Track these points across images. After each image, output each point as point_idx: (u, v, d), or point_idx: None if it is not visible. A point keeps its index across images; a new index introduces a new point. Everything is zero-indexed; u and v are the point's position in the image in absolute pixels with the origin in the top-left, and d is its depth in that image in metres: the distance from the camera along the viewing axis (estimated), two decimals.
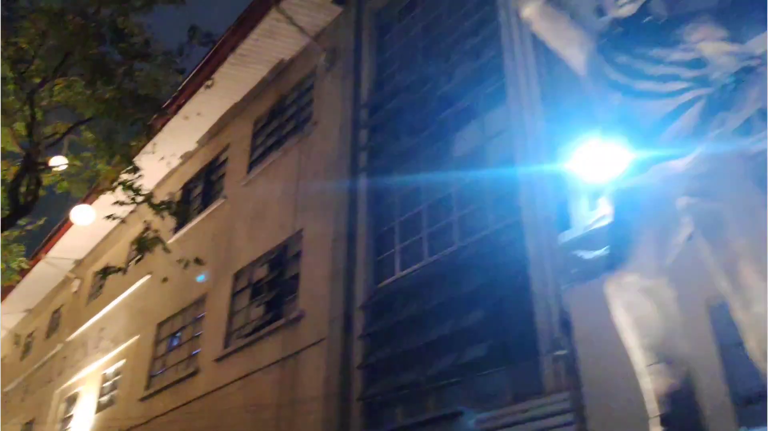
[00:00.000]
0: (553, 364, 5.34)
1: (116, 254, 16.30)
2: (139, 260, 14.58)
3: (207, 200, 13.30)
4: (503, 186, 6.86)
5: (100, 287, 16.58)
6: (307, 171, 10.24)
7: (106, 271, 8.16)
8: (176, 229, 13.11)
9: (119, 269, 8.26)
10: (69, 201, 11.69)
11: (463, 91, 7.85)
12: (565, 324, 5.23)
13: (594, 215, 5.33)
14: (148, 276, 13.48)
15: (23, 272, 15.45)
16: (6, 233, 9.95)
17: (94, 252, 17.73)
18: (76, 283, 18.07)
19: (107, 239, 17.20)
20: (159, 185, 14.42)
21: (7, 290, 19.79)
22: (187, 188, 14.32)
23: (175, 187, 14.21)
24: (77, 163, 9.90)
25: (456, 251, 7.19)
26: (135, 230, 15.45)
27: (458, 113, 7.89)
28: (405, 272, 7.79)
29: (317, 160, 10.07)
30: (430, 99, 8.29)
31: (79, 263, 18.48)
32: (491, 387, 6.14)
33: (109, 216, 8.57)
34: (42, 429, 15.95)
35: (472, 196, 7.35)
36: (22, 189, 8.96)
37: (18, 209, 8.69)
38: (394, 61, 9.77)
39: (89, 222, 7.89)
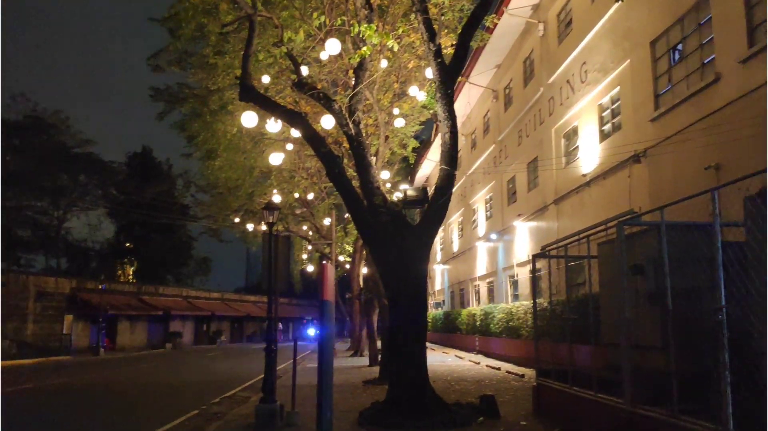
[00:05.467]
0: None
1: None
2: None
3: None
4: None
5: (568, 24, 16.45)
6: None
7: None
8: None
9: None
10: None
11: None
12: None
13: None
14: None
15: (489, 29, 16.34)
16: None
17: None
18: (540, 27, 18.35)
19: None
20: None
21: (478, 51, 21.58)
22: None
23: None
24: None
25: None
26: None
27: None
28: None
29: None
30: None
31: (536, 7, 18.60)
32: None
33: None
34: (547, 164, 17.60)
35: None
36: None
37: None
38: None
39: None
